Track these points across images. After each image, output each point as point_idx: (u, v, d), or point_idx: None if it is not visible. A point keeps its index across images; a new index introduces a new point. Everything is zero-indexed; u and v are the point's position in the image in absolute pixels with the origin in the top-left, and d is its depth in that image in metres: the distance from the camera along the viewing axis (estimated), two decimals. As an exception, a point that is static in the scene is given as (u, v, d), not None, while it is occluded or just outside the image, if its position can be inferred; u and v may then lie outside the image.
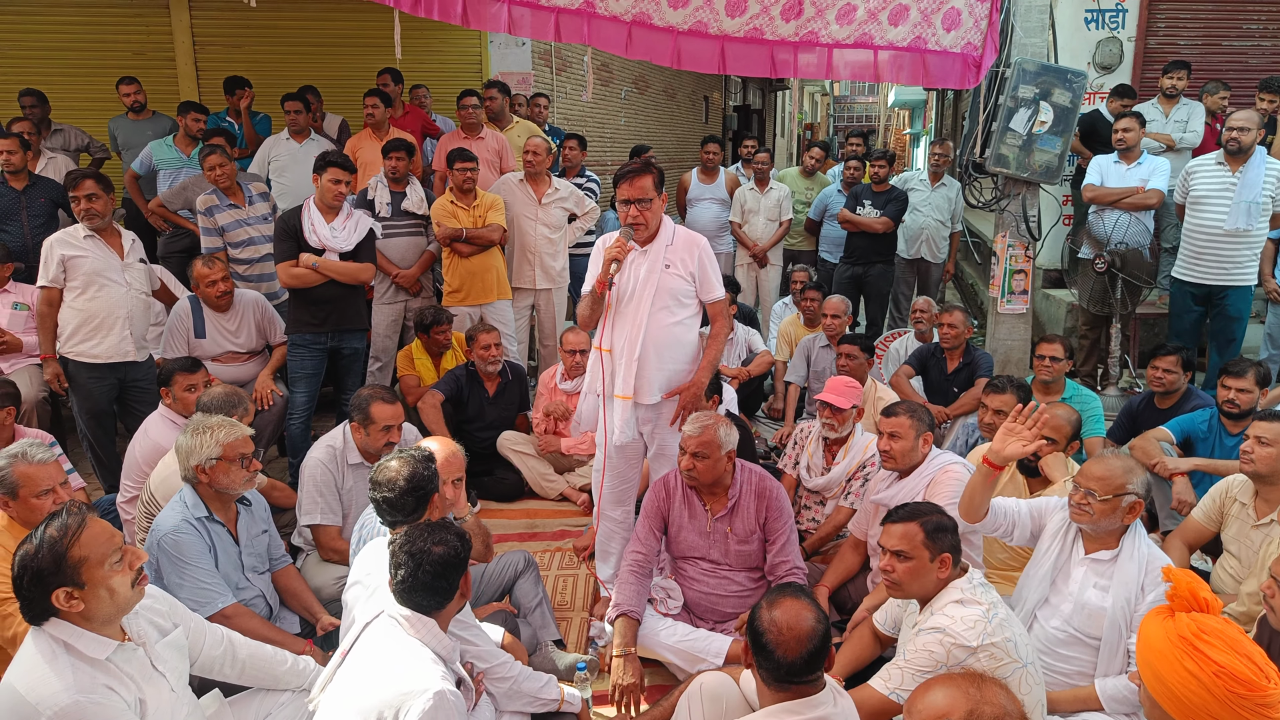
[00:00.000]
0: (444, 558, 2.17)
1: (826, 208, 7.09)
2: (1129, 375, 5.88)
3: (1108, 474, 2.66)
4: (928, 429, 3.26)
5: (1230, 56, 7.39)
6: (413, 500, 2.59)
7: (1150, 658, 1.82)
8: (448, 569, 2.18)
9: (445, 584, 2.18)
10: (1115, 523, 2.67)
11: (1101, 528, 2.69)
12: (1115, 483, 2.65)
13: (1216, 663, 1.75)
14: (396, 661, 2.09)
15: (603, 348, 3.34)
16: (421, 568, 2.14)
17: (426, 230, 5.52)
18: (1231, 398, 3.89)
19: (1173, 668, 1.77)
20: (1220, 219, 5.18)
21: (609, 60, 10.10)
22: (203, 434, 2.87)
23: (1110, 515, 2.66)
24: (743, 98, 17.84)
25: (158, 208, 5.80)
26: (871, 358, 4.95)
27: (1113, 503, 2.64)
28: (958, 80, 5.16)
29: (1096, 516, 2.65)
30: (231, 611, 2.74)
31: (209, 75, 7.58)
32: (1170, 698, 1.77)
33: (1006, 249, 5.60)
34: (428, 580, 2.15)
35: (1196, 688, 1.74)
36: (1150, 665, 1.81)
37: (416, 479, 2.60)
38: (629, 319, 3.26)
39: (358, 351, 4.82)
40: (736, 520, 3.20)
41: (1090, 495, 2.66)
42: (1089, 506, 2.66)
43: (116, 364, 4.31)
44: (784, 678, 2.01)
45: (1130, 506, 2.65)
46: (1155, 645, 1.82)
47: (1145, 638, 1.86)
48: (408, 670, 2.06)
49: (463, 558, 2.22)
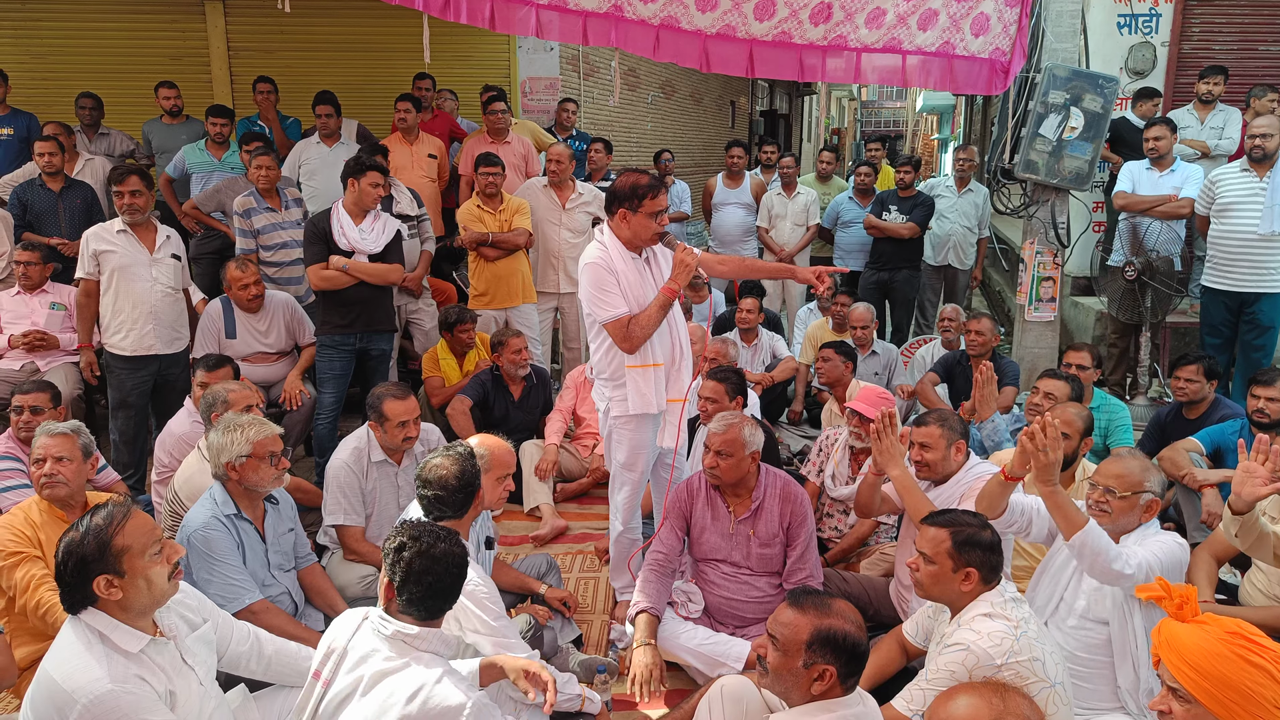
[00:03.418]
0: (460, 560, 2.14)
1: (839, 215, 7.06)
2: (1158, 385, 5.80)
3: (1125, 472, 2.69)
4: (960, 437, 3.23)
5: (1267, 62, 7.27)
6: (462, 496, 2.66)
7: (1202, 663, 1.78)
8: (460, 574, 2.15)
9: (456, 589, 2.15)
10: (1133, 521, 2.69)
11: (1120, 526, 2.70)
12: (1133, 480, 2.67)
13: (1273, 649, 1.78)
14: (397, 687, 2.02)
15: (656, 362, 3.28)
16: (435, 574, 2.07)
17: (419, 231, 5.56)
18: (1261, 407, 3.83)
19: (1236, 665, 1.76)
20: (1252, 224, 5.11)
21: (636, 65, 10.13)
22: (233, 431, 2.92)
23: (1129, 513, 2.68)
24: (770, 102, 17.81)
25: (191, 210, 5.90)
26: (850, 362, 4.93)
27: (1131, 500, 2.67)
28: (985, 86, 5.13)
29: (1115, 515, 2.68)
30: (259, 608, 2.78)
31: (242, 80, 7.70)
32: (1235, 697, 1.75)
33: (1034, 256, 5.56)
34: (442, 585, 2.09)
35: (1264, 678, 1.74)
36: (1204, 671, 1.77)
37: (466, 475, 2.68)
38: (668, 329, 3.32)
39: (385, 353, 4.87)
40: (760, 523, 3.20)
41: (1109, 493, 2.69)
42: (1107, 505, 2.68)
43: (150, 357, 4.43)
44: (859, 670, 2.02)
45: (1148, 505, 2.67)
46: (1207, 649, 1.79)
47: (1186, 647, 1.82)
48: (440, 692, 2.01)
49: (466, 559, 2.20)
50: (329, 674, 2.11)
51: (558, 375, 6.18)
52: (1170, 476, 4.01)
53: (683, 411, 3.35)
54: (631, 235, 3.29)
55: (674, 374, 3.34)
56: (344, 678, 2.08)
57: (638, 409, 3.29)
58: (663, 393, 3.32)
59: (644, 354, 3.27)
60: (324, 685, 2.10)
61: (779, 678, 2.04)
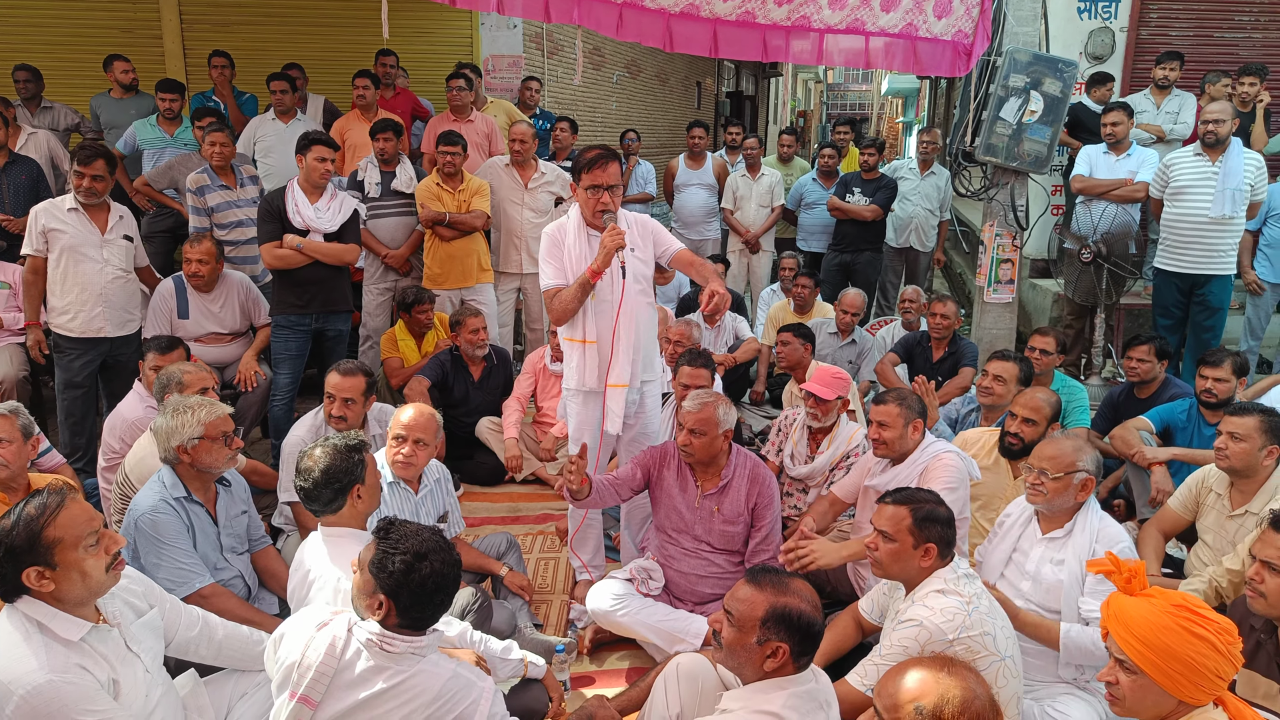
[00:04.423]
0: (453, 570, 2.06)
1: (802, 196, 7.08)
2: (1112, 365, 5.91)
3: (1058, 453, 2.76)
4: (918, 416, 3.27)
5: (1221, 48, 7.40)
6: (329, 492, 2.48)
7: (1148, 635, 1.82)
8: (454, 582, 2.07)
9: (449, 597, 2.06)
10: (1069, 500, 2.76)
11: (1056, 506, 2.78)
12: (1066, 461, 2.74)
13: (1216, 621, 1.82)
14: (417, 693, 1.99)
15: (580, 339, 3.31)
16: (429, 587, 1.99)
17: (415, 210, 5.50)
18: (1209, 387, 3.92)
19: (1180, 637, 1.80)
20: (1204, 208, 5.20)
21: (601, 44, 10.05)
22: (183, 414, 2.85)
23: (1063, 493, 2.75)
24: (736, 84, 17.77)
25: (143, 187, 5.75)
26: (809, 344, 4.95)
27: (1064, 480, 2.73)
28: (948, 68, 5.16)
29: (1050, 495, 2.75)
30: (209, 592, 2.73)
31: (196, 54, 7.50)
32: (1179, 668, 1.79)
33: (994, 238, 5.61)
34: (435, 597, 2.01)
35: (1207, 649, 1.79)
36: (1150, 643, 1.82)
37: (334, 471, 2.47)
38: (609, 307, 3.24)
39: (342, 333, 4.81)
40: (726, 500, 3.22)
41: (1043, 474, 2.76)
42: (1042, 486, 2.76)
43: (100, 339, 4.31)
44: (812, 649, 2.04)
45: (1082, 484, 2.75)
46: (1153, 621, 1.83)
47: (1133, 619, 1.86)
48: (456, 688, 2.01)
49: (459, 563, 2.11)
50: (318, 696, 1.95)
51: (520, 356, 6.14)
52: (1121, 455, 4.09)
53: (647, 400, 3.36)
54: (581, 209, 3.28)
55: (616, 358, 3.27)
56: (343, 696, 1.96)
57: (571, 383, 3.38)
58: (597, 372, 3.31)
59: (573, 328, 3.30)
60: (311, 707, 1.95)
61: (733, 654, 2.05)
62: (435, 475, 3.25)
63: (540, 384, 4.90)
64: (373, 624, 2.00)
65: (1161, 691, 1.81)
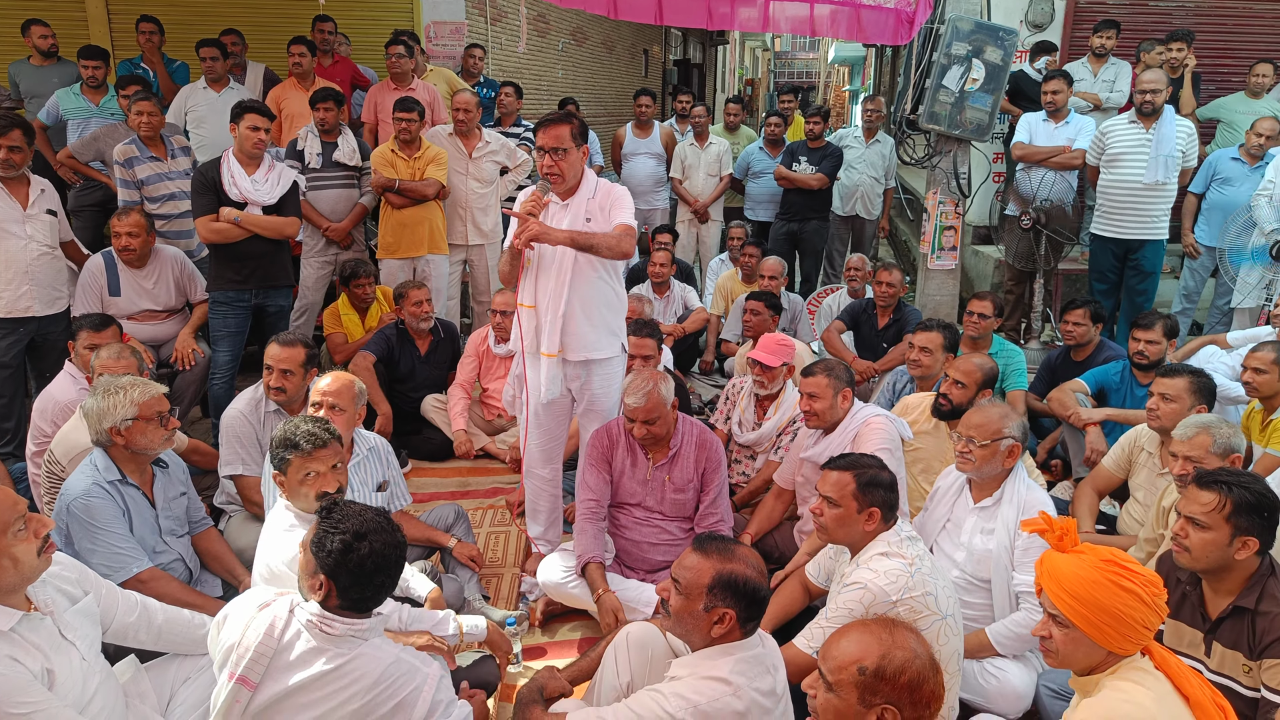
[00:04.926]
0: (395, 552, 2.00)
1: (749, 165, 7.08)
2: (1050, 329, 6.06)
3: (984, 421, 2.83)
4: (846, 385, 3.33)
5: (1157, 16, 7.54)
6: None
7: (1079, 589, 1.87)
8: (397, 564, 2.02)
9: (392, 580, 2.02)
10: (997, 467, 2.84)
11: (985, 473, 2.86)
12: (991, 428, 2.81)
13: (1143, 574, 1.88)
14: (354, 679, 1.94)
15: (524, 303, 3.29)
16: (369, 567, 1.94)
17: (359, 182, 5.38)
18: (1141, 349, 4.05)
19: (1108, 591, 1.85)
20: (1139, 174, 5.33)
21: (546, 10, 9.86)
22: (115, 394, 2.77)
23: (990, 460, 2.83)
24: (683, 52, 17.63)
25: (67, 159, 5.52)
26: (777, 315, 4.99)
27: (991, 448, 2.81)
28: (891, 36, 5.18)
29: (978, 462, 2.83)
30: (147, 576, 2.67)
31: (121, 18, 7.18)
32: (1108, 620, 1.85)
33: (937, 206, 5.68)
34: (375, 578, 1.96)
35: (1134, 602, 1.84)
36: (1080, 597, 1.87)
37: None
38: (552, 275, 3.19)
39: (283, 309, 4.70)
40: (676, 469, 3.25)
41: (970, 442, 2.83)
42: (970, 454, 2.83)
43: (26, 318, 4.15)
44: (758, 615, 2.05)
45: (1009, 450, 2.82)
46: (1083, 576, 1.88)
47: (1065, 575, 1.91)
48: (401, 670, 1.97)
49: (404, 545, 2.07)
50: (256, 677, 1.91)
51: (468, 329, 6.07)
52: (1058, 416, 4.21)
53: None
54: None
55: (542, 327, 3.24)
56: (278, 679, 1.92)
57: (516, 344, 3.38)
58: (533, 336, 3.28)
59: (521, 291, 3.30)
60: (249, 688, 1.91)
61: (680, 620, 2.07)
62: (369, 444, 3.19)
63: (484, 365, 4.82)
64: (314, 605, 1.97)
65: (1092, 643, 1.88)
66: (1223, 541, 2.26)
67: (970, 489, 2.94)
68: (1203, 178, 5.72)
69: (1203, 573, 2.36)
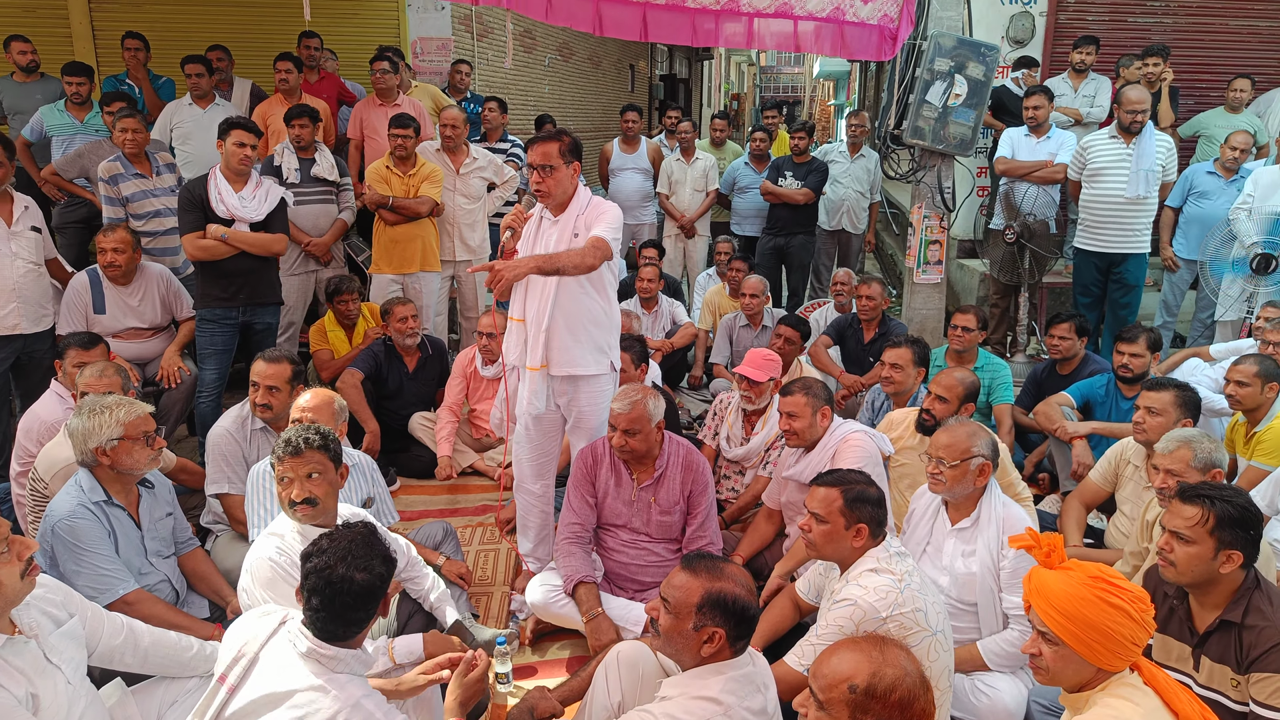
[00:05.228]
0: (365, 588, 1.92)
1: (735, 180, 7.12)
2: (1036, 343, 6.10)
3: (952, 441, 2.81)
4: (824, 403, 3.33)
5: (1135, 33, 7.65)
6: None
7: (1067, 606, 1.88)
8: (366, 600, 1.94)
9: (363, 614, 1.95)
10: (969, 487, 2.82)
11: (957, 494, 2.84)
12: (960, 448, 2.79)
13: (1130, 590, 1.89)
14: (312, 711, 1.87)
15: (514, 317, 3.31)
16: (338, 597, 1.90)
17: (337, 197, 5.37)
18: (1125, 362, 4.08)
19: (1097, 608, 1.86)
20: (1120, 188, 5.38)
21: (532, 27, 9.91)
22: (100, 414, 2.75)
23: (962, 480, 2.80)
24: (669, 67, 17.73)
25: (51, 176, 5.49)
26: (806, 342, 4.97)
27: (961, 468, 2.79)
28: (875, 52, 5.24)
29: (949, 483, 2.81)
30: (134, 598, 2.64)
31: (106, 34, 7.16)
32: (1097, 637, 1.85)
33: (922, 220, 5.73)
34: (344, 612, 1.91)
35: (1122, 618, 1.85)
36: (1068, 614, 1.87)
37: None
38: (538, 289, 3.20)
39: (271, 326, 4.67)
40: (661, 490, 3.23)
41: (940, 463, 2.81)
42: (941, 475, 2.81)
43: (13, 336, 4.13)
44: (748, 633, 2.05)
45: (979, 469, 2.80)
46: (1071, 593, 1.89)
47: (1053, 592, 1.91)
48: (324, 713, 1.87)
49: (384, 585, 1.98)
50: (235, 679, 1.92)
51: (456, 346, 6.06)
52: (1044, 430, 4.23)
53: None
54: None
55: (533, 340, 3.26)
56: (251, 687, 1.91)
57: (506, 356, 3.40)
58: (521, 350, 3.31)
59: (512, 305, 3.32)
60: (229, 690, 1.91)
61: (670, 640, 2.06)
62: (353, 461, 3.18)
63: (471, 386, 4.79)
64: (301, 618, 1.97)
65: (1081, 660, 1.88)
66: (1207, 555, 2.28)
67: (946, 510, 2.92)
68: (1179, 191, 5.79)
69: (1188, 587, 2.37)
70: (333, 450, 2.57)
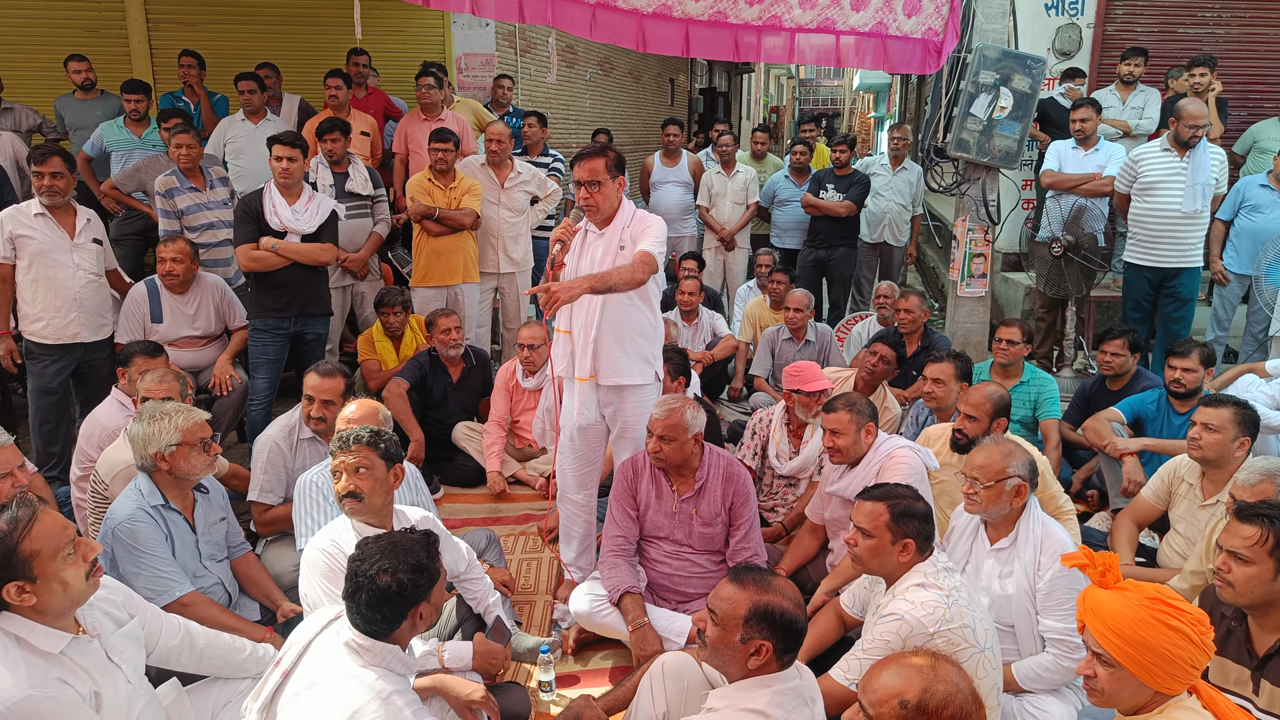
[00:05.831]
0: (385, 590, 1.96)
1: (775, 193, 7.12)
2: (1084, 357, 6.00)
3: (987, 461, 2.75)
4: (869, 420, 3.30)
5: (1185, 44, 7.51)
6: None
7: (1124, 628, 1.84)
8: (386, 602, 1.97)
9: (382, 615, 1.98)
10: (1005, 507, 2.76)
11: (993, 514, 2.79)
12: (995, 469, 2.73)
13: (1190, 612, 1.84)
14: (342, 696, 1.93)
15: (560, 329, 3.35)
16: (360, 593, 1.98)
17: (372, 211, 5.46)
18: (1177, 377, 4.00)
19: (1155, 629, 1.82)
20: (1175, 202, 5.28)
21: (574, 42, 10.02)
22: (160, 420, 2.83)
23: (997, 501, 2.75)
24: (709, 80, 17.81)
25: (110, 190, 5.67)
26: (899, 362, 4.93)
27: (996, 489, 2.73)
28: (919, 66, 5.20)
29: (985, 504, 2.75)
30: (189, 600, 2.71)
31: (163, 53, 7.39)
32: (1155, 660, 1.81)
33: (966, 233, 5.68)
34: (367, 611, 1.98)
35: (1181, 641, 1.81)
36: (1125, 636, 1.83)
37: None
38: (585, 301, 3.24)
39: (321, 336, 4.77)
40: (703, 502, 3.23)
41: (975, 484, 2.76)
42: (976, 495, 2.76)
43: (74, 344, 4.26)
44: (795, 646, 2.05)
45: (1016, 490, 2.73)
46: (1128, 614, 1.85)
47: (1109, 613, 1.87)
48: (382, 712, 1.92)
49: (413, 592, 2.01)
50: (289, 665, 2.06)
51: (499, 356, 6.13)
52: (1094, 446, 4.16)
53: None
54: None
55: (580, 351, 3.31)
56: (301, 673, 2.02)
57: (553, 367, 3.44)
58: (569, 361, 3.36)
59: (559, 318, 3.36)
60: (283, 675, 2.05)
61: (717, 652, 2.06)
62: None
63: (513, 399, 4.84)
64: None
65: (1138, 683, 1.84)
66: (1267, 576, 2.22)
67: (985, 530, 2.87)
68: (1230, 204, 5.67)
69: (1247, 608, 2.32)
70: (383, 448, 2.63)
